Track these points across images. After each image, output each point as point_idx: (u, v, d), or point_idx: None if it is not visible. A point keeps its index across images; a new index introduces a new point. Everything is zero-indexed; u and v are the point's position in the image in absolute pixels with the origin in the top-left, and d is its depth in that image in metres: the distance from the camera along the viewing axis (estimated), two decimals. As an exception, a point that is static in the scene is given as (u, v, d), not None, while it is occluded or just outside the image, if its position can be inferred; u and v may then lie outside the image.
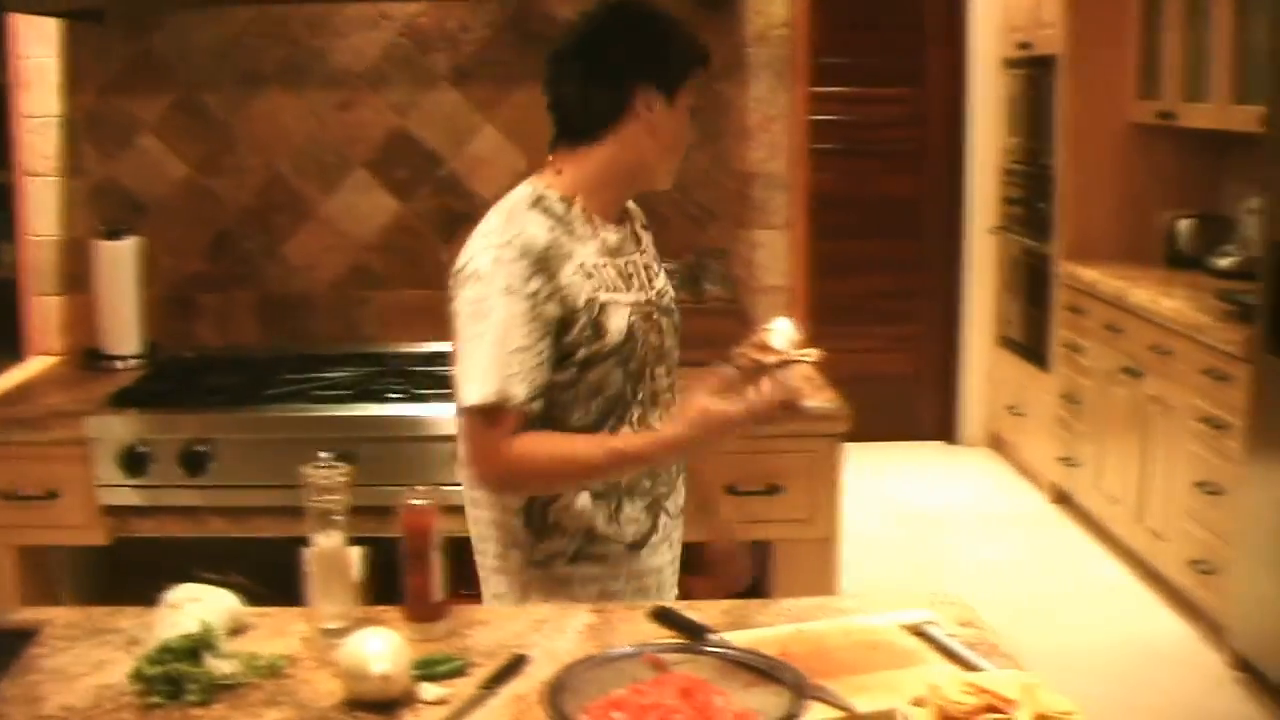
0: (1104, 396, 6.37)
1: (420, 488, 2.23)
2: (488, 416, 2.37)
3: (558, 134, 2.52)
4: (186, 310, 4.19)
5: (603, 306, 2.42)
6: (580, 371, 2.42)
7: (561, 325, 2.39)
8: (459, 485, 2.58)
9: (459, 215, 4.11)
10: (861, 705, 1.91)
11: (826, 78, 5.84)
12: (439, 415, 3.47)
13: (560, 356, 2.40)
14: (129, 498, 3.49)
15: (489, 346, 2.35)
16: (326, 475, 2.16)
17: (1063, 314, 6.88)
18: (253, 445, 3.47)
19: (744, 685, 1.81)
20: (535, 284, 2.36)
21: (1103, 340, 6.37)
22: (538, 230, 2.40)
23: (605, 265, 2.46)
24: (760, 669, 1.84)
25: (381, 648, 1.97)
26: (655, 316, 2.53)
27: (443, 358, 3.93)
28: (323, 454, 2.20)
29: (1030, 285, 7.35)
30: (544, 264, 2.37)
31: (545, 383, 2.39)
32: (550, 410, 2.42)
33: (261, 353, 4.05)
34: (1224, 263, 6.04)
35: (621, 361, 2.44)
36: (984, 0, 7.82)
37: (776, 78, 4.12)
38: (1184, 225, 6.45)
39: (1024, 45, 7.32)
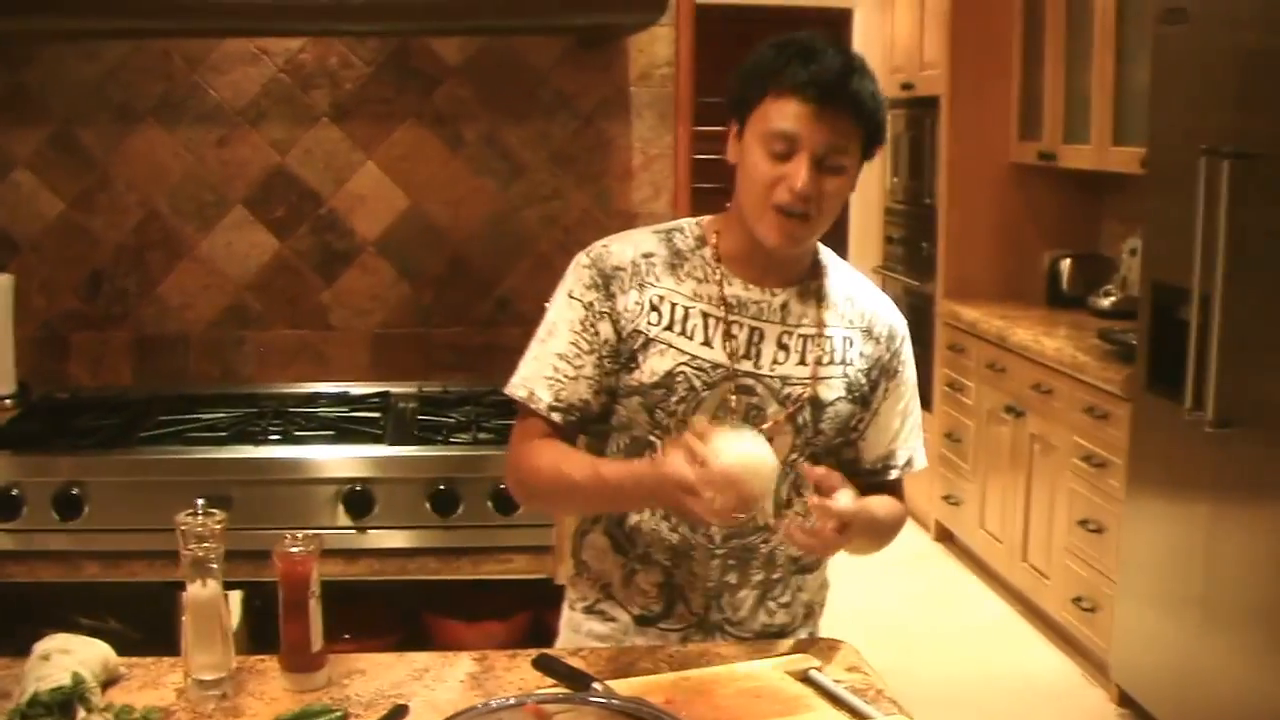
0: (986, 435, 6.43)
1: (298, 534, 2.18)
2: (519, 411, 2.44)
3: None
4: (59, 350, 4.11)
5: (648, 342, 2.37)
6: (613, 400, 2.41)
7: (614, 351, 2.38)
8: (341, 528, 2.55)
9: (338, 253, 4.08)
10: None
11: (710, 117, 5.84)
12: (317, 457, 3.44)
13: (608, 382, 2.40)
14: (1, 542, 3.41)
15: (537, 343, 2.43)
16: (200, 523, 2.12)
17: (945, 353, 6.94)
18: (127, 488, 3.39)
19: (628, 734, 1.80)
20: (592, 296, 2.38)
21: (985, 379, 6.43)
22: (632, 250, 2.41)
23: (692, 309, 2.38)
24: (644, 718, 1.82)
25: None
26: (745, 390, 2.36)
27: (321, 398, 3.93)
28: (198, 500, 2.16)
29: (913, 325, 7.37)
30: (609, 281, 2.38)
31: (580, 401, 2.39)
32: (592, 437, 2.47)
33: (136, 393, 3.97)
34: (1104, 302, 6.12)
35: (648, 407, 2.38)
36: (867, 41, 7.91)
37: (659, 118, 4.12)
38: (1065, 265, 6.54)
39: (906, 86, 7.40)
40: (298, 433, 3.59)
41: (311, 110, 4.06)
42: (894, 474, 2.53)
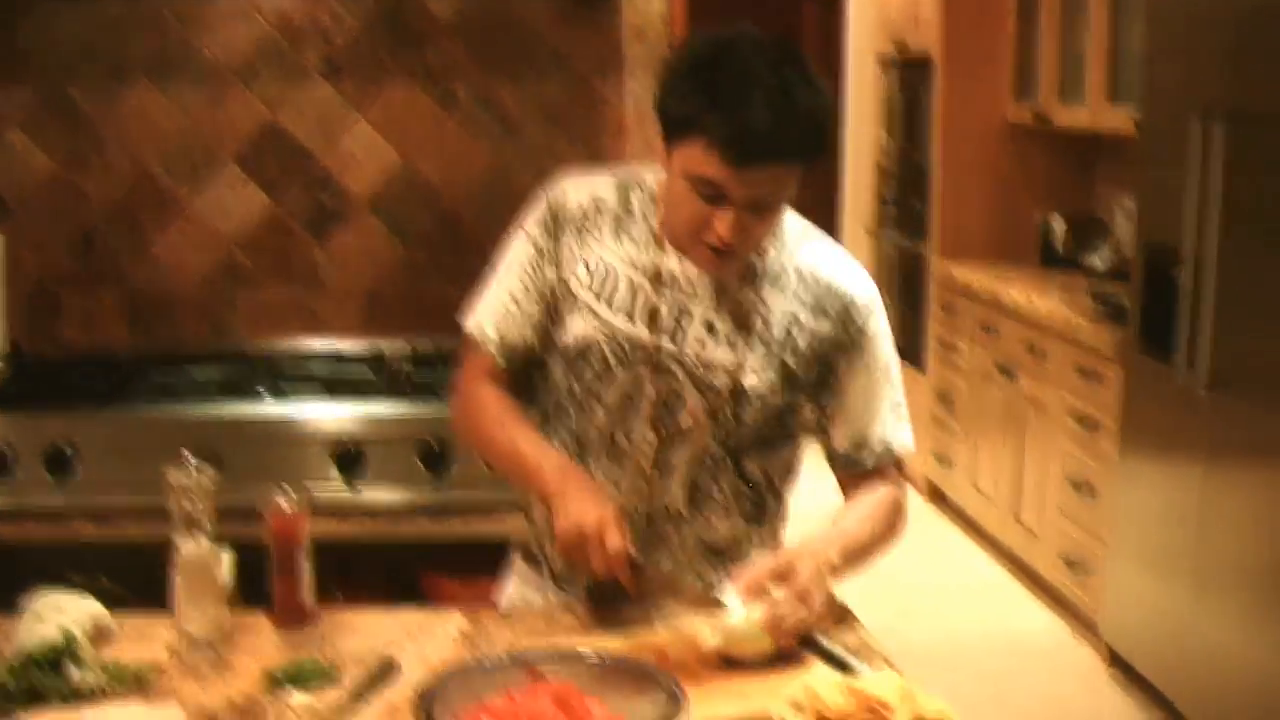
0: (978, 395, 6.43)
1: (287, 490, 2.18)
2: (467, 345, 2.38)
3: None
4: (51, 309, 4.09)
5: (574, 300, 2.30)
6: (544, 352, 2.36)
7: (554, 296, 2.32)
8: (334, 487, 2.54)
9: (330, 212, 4.07)
10: (738, 710, 1.90)
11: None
12: (309, 415, 3.43)
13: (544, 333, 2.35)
14: (-8, 501, 3.41)
15: (493, 277, 2.37)
16: (190, 478, 2.11)
17: (937, 313, 6.94)
18: (119, 446, 3.39)
19: (620, 692, 1.79)
20: (542, 236, 2.32)
21: (977, 340, 6.43)
22: (588, 196, 2.33)
23: (621, 275, 2.28)
24: (637, 676, 1.82)
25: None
26: (663, 373, 2.27)
27: (313, 356, 3.92)
28: (187, 455, 2.15)
29: (905, 285, 7.40)
30: (559, 225, 2.32)
31: (524, 343, 2.34)
32: (528, 388, 2.40)
33: (128, 352, 3.96)
34: (1098, 263, 6.11)
35: (565, 372, 2.33)
36: (860, 1, 7.87)
37: (654, 76, 4.09)
38: (1058, 226, 6.53)
39: (900, 46, 7.37)
40: (289, 390, 3.58)
41: (304, 68, 4.04)
42: (868, 461, 2.37)
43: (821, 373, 2.32)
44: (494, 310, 2.35)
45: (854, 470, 2.38)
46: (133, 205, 4.06)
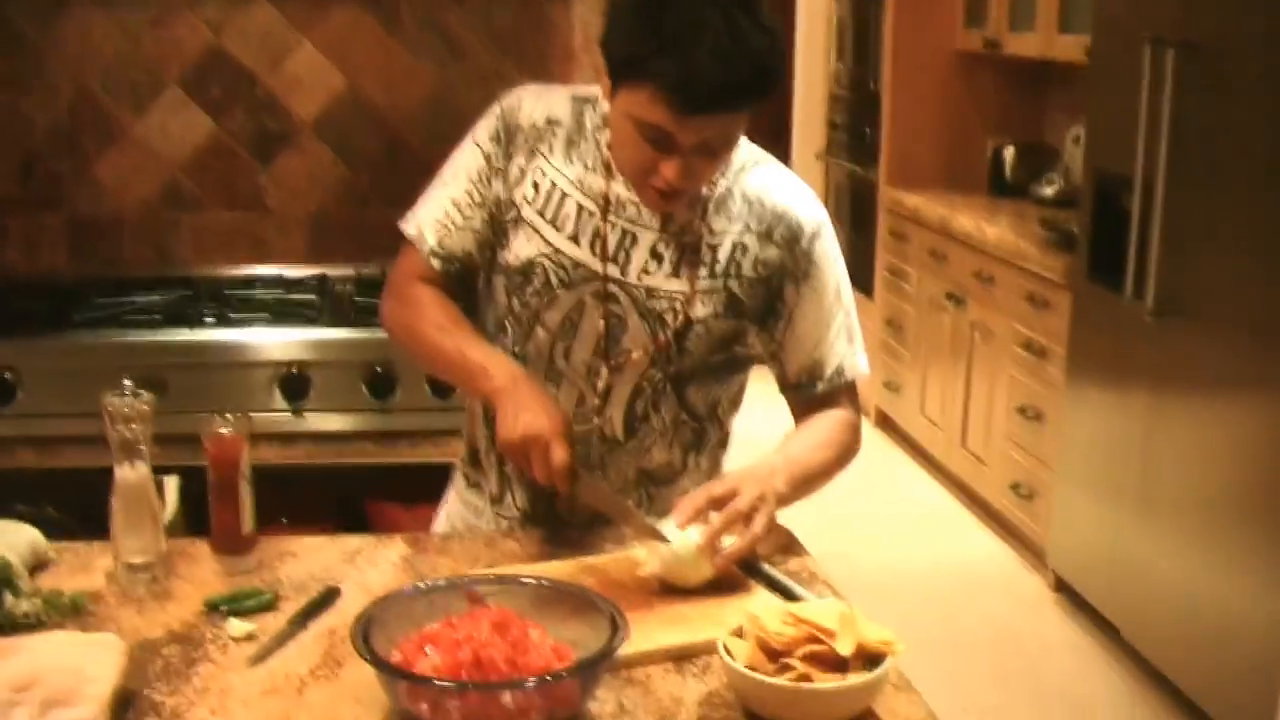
0: (927, 323, 6.44)
1: (227, 415, 2.15)
2: (406, 247, 2.34)
3: None
4: (-9, 233, 4.05)
5: (519, 220, 2.26)
6: (485, 266, 2.33)
7: (501, 211, 2.28)
8: (278, 412, 2.50)
9: (275, 135, 4.02)
10: (679, 637, 1.89)
11: None
12: (253, 340, 3.41)
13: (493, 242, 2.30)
14: (-68, 429, 3.37)
15: (438, 182, 2.33)
16: (128, 403, 2.07)
17: (887, 240, 6.93)
18: (61, 373, 3.35)
19: (561, 618, 1.77)
20: (493, 148, 2.27)
21: (926, 267, 6.43)
22: (543, 111, 2.28)
23: (569, 197, 2.24)
24: (577, 602, 1.80)
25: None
26: (607, 300, 2.23)
27: (257, 281, 3.88)
28: (125, 381, 2.11)
29: (855, 212, 7.40)
30: (511, 138, 2.27)
31: (463, 252, 2.29)
32: (469, 300, 2.36)
33: (70, 278, 3.90)
34: (1047, 191, 6.11)
35: (508, 290, 2.29)
36: (813, -76, 7.81)
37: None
38: (1008, 153, 6.52)
39: (852, -29, 7.32)
40: (234, 316, 3.56)
41: (247, -12, 3.98)
42: (820, 386, 2.34)
43: (769, 300, 2.29)
44: (434, 216, 2.31)
45: (807, 396, 2.36)
46: (74, 128, 4.00)
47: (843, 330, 2.34)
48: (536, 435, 2.07)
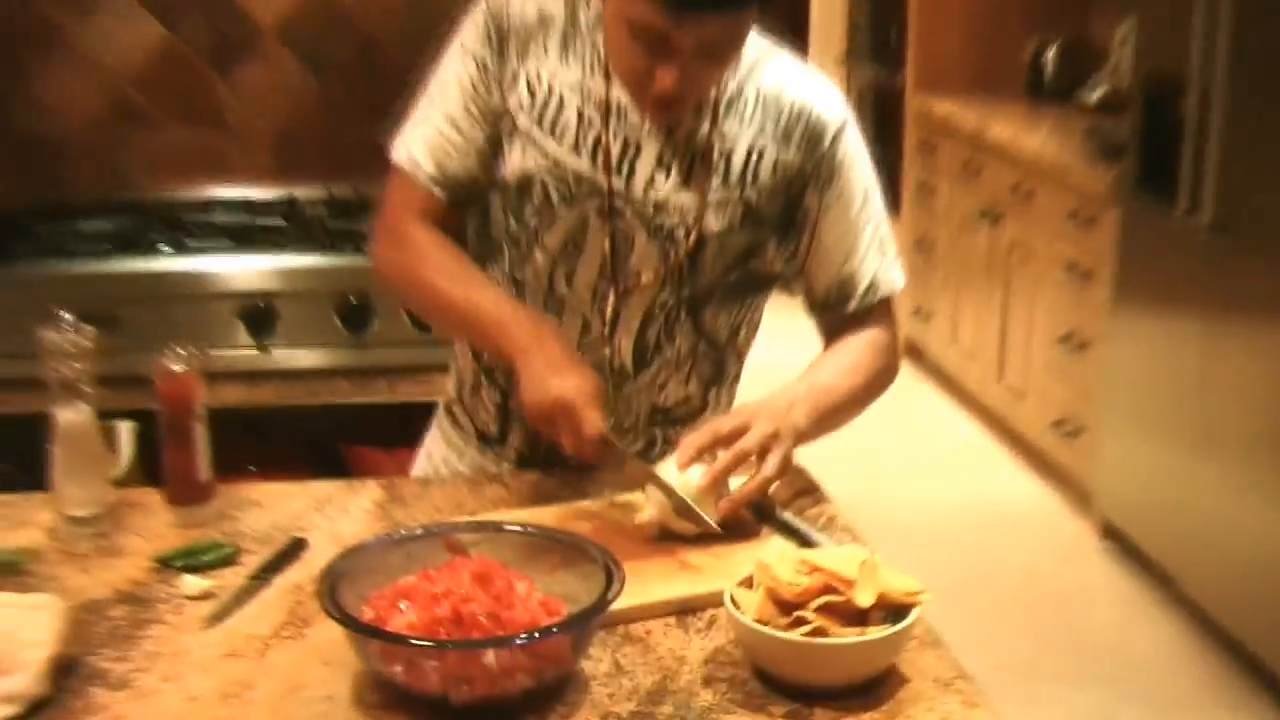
0: (960, 243, 6.42)
1: (179, 350, 2.12)
2: (396, 179, 2.28)
3: None
4: (-77, 156, 4.03)
5: (514, 130, 2.22)
6: (487, 186, 2.27)
7: (497, 120, 2.23)
8: (243, 348, 2.47)
9: (235, 43, 3.99)
10: (682, 589, 1.88)
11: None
12: (215, 269, 3.39)
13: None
14: None
15: (425, 100, 2.27)
16: (67, 339, 2.05)
17: (914, 153, 6.90)
18: (2, 307, 3.33)
19: (550, 569, 1.76)
20: (486, 53, 2.21)
21: (958, 181, 6.40)
22: (533, 7, 2.22)
23: (568, 102, 2.20)
24: (568, 551, 1.79)
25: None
26: (612, 216, 2.20)
27: (218, 205, 3.86)
28: (63, 314, 2.09)
29: (879, 122, 7.35)
30: (504, 40, 2.21)
31: (466, 175, 2.24)
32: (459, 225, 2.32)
33: (11, 203, 3.88)
34: (1092, 95, 6.07)
35: (505, 209, 2.26)
36: None
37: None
38: (1049, 54, 6.48)
39: None
40: (191, 243, 3.54)
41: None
42: (851, 305, 2.31)
43: (790, 209, 2.25)
44: (429, 138, 2.25)
45: (836, 317, 2.33)
46: (10, 39, 3.97)
47: (874, 241, 2.30)
48: (567, 401, 2.04)
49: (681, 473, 2.02)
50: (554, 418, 2.05)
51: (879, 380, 2.31)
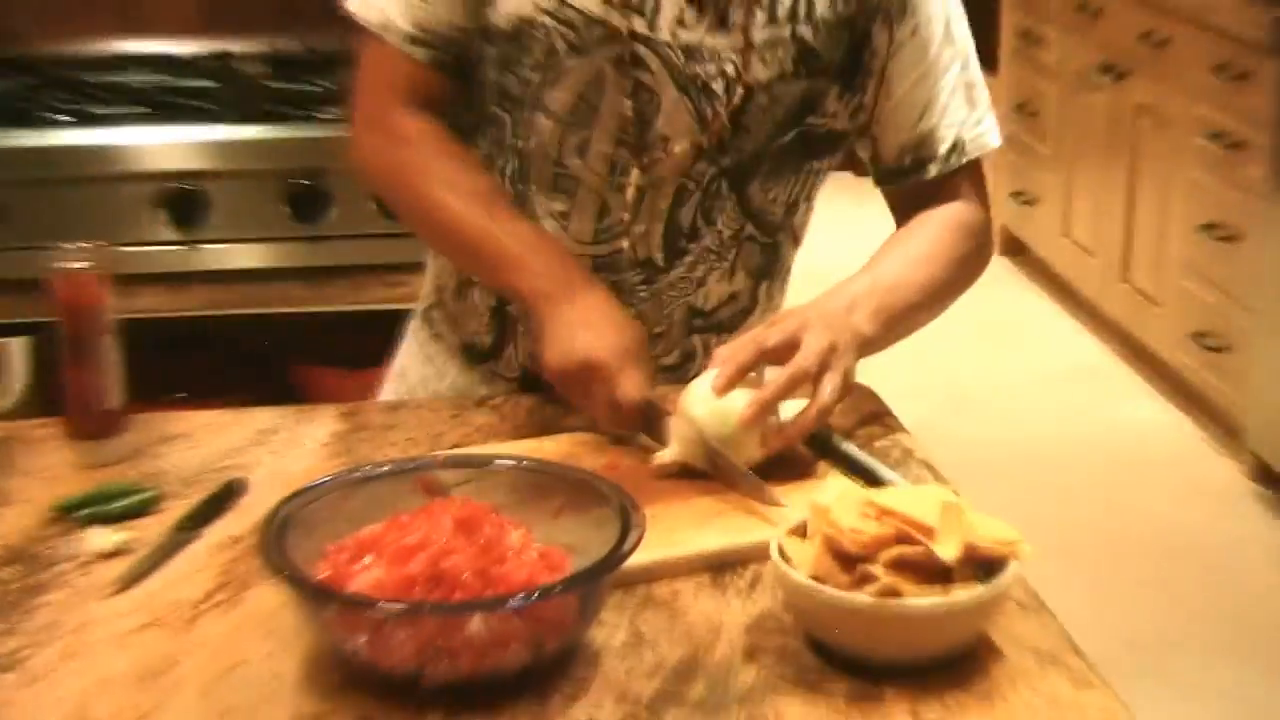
0: (1073, 107, 6.41)
1: (81, 246, 2.13)
2: (371, 47, 2.28)
3: None
4: None
5: None
6: (477, 31, 2.26)
7: None
8: (166, 244, 2.47)
9: None
10: (718, 539, 1.88)
11: None
12: (127, 143, 3.39)
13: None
14: None
15: None
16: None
17: (1017, -8, 6.88)
18: None
19: (551, 513, 1.76)
20: None
21: (1071, 27, 6.38)
22: None
23: None
24: (574, 491, 1.79)
25: None
26: (633, 67, 2.20)
27: (131, 63, 3.86)
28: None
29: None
30: None
31: (449, 29, 2.24)
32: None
33: None
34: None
35: (499, 64, 2.25)
36: None
37: None
38: None
39: None
40: (97, 111, 3.55)
41: None
42: (931, 170, 2.30)
43: (853, 49, 2.24)
44: None
45: (912, 187, 2.32)
46: None
47: (959, 88, 2.29)
48: (601, 362, 2.04)
49: (718, 397, 2.01)
50: (585, 381, 2.06)
51: (965, 270, 2.29)
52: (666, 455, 2.02)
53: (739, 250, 2.30)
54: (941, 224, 2.28)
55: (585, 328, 2.07)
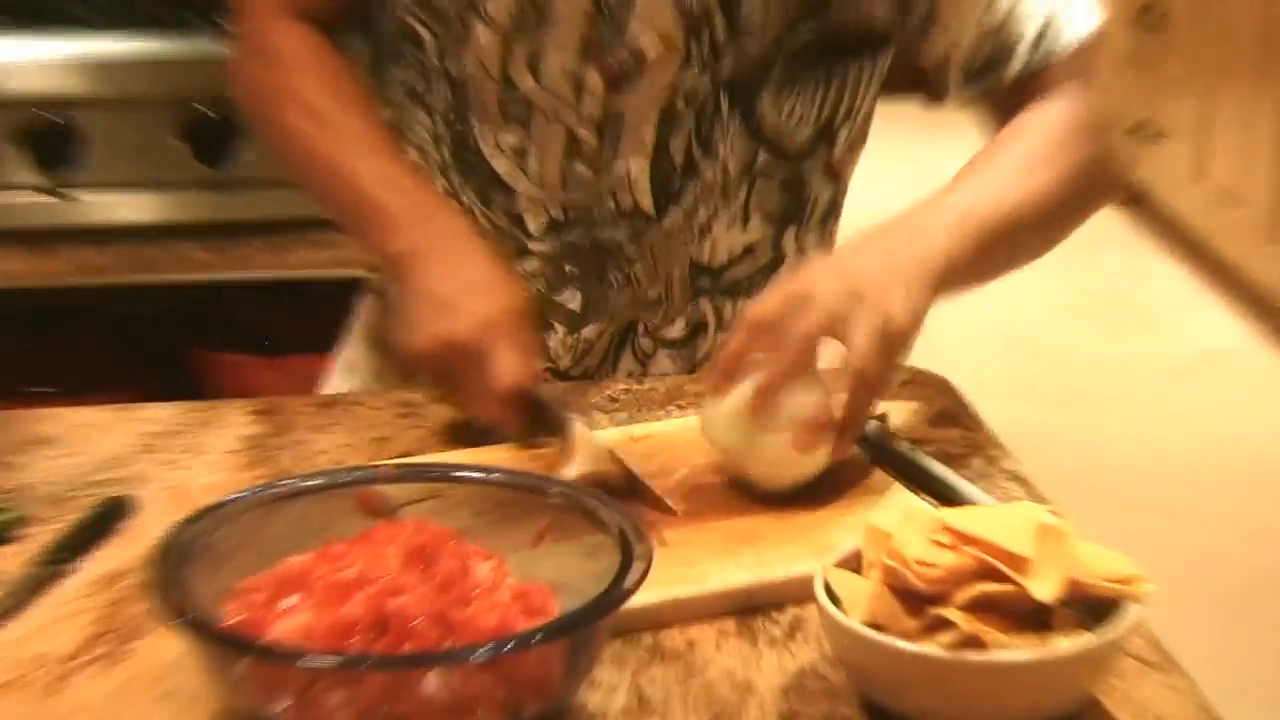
0: (1210, 11, 6.42)
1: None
2: None
3: None
4: None
5: None
6: None
7: None
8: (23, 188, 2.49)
9: None
10: (746, 574, 1.88)
11: None
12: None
13: None
14: None
15: None
16: None
17: None
18: None
19: (531, 539, 1.77)
20: None
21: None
22: None
23: None
24: (562, 508, 1.79)
25: None
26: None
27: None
28: None
29: None
30: None
31: None
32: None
33: None
34: None
35: (428, 14, 2.27)
36: None
37: None
38: None
39: None
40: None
41: None
42: (1015, 66, 2.27)
43: None
44: None
45: (991, 93, 2.30)
46: None
47: None
48: (465, 341, 2.04)
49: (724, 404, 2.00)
50: (450, 365, 2.06)
51: (1090, 182, 2.21)
52: (573, 471, 2.00)
53: (750, 187, 2.29)
54: (1047, 123, 2.22)
55: (448, 297, 2.07)
